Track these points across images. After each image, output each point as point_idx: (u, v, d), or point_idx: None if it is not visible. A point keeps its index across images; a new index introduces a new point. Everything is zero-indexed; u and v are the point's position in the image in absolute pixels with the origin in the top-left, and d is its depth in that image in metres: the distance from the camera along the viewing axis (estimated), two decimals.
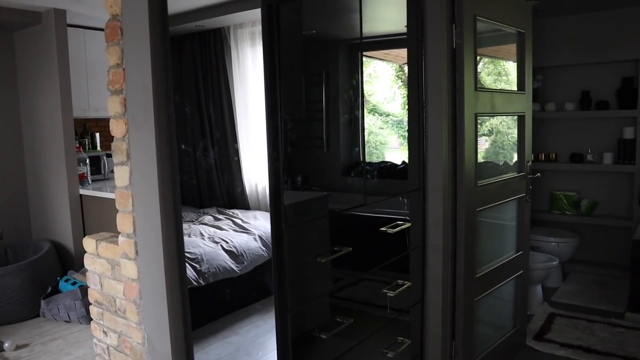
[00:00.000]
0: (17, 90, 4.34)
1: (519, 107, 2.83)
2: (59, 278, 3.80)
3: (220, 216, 2.97)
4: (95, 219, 4.09)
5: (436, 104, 2.28)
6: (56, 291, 3.72)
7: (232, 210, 2.99)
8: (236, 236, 2.83)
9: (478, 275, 2.54)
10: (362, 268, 2.12)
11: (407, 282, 2.27)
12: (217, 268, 2.62)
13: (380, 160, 2.26)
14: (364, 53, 2.02)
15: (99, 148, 4.77)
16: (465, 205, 2.39)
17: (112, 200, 3.34)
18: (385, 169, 2.26)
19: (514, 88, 2.88)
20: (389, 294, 2.17)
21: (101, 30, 1.94)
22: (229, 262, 2.71)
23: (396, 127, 2.36)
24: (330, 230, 1.89)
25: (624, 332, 3.27)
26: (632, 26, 4.05)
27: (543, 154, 4.56)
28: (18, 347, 3.22)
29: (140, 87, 1.77)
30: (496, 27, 2.65)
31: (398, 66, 2.38)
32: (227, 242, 2.76)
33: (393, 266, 2.26)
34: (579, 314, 3.59)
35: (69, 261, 4.14)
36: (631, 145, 4.12)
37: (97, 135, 4.79)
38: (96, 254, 2.22)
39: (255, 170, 2.92)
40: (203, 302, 2.48)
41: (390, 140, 2.35)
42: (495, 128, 2.91)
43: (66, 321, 3.62)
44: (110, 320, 2.18)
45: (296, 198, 1.73)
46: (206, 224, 2.87)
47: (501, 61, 3.03)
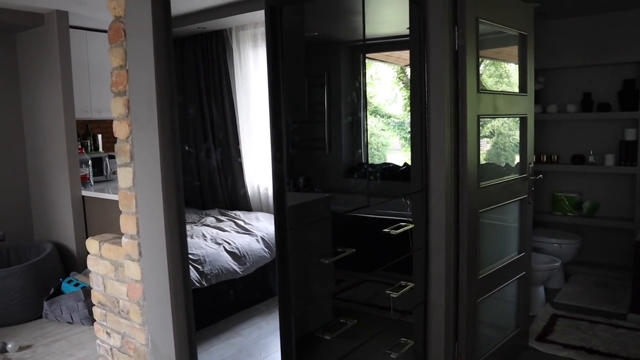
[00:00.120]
0: (19, 92, 4.35)
1: (521, 109, 2.83)
2: (61, 279, 3.81)
3: (223, 217, 2.97)
4: (98, 220, 4.09)
5: (438, 105, 2.29)
6: (59, 292, 3.73)
7: (234, 212, 2.99)
8: (238, 237, 2.83)
9: (481, 277, 2.54)
10: (365, 269, 2.12)
11: (410, 283, 2.28)
12: (219, 269, 2.62)
13: (382, 162, 2.26)
14: (366, 55, 2.02)
15: (101, 149, 4.78)
16: (467, 207, 2.40)
17: (114, 202, 3.35)
18: (387, 170, 2.27)
19: (516, 90, 2.88)
20: (392, 295, 2.17)
21: (103, 31, 1.95)
22: (232, 264, 2.71)
23: (398, 129, 2.36)
24: (334, 232, 1.89)
25: (626, 333, 3.26)
26: (634, 28, 4.05)
27: (545, 156, 4.57)
28: (21, 349, 3.22)
29: (143, 88, 1.77)
30: (498, 29, 2.65)
31: (400, 68, 2.39)
32: (229, 244, 2.76)
33: (396, 267, 2.26)
34: (581, 315, 3.58)
35: (71, 262, 4.15)
36: (633, 146, 4.12)
37: (99, 136, 4.80)
38: (99, 255, 2.23)
39: (257, 171, 2.91)
40: (205, 303, 2.48)
41: (391, 142, 2.35)
42: (496, 130, 2.91)
43: (69, 322, 3.62)
44: (113, 321, 2.19)
45: (299, 199, 1.73)
46: (208, 226, 2.87)
47: (503, 63, 3.03)
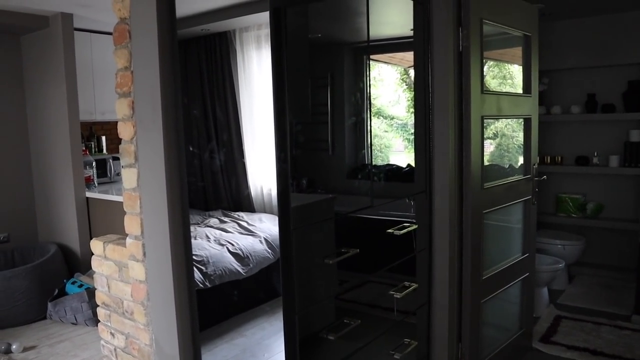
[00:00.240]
0: (24, 94, 4.37)
1: (525, 110, 2.83)
2: (65, 280, 3.82)
3: (226, 219, 2.97)
4: (102, 221, 4.11)
5: (443, 106, 2.29)
6: (63, 294, 3.74)
7: (237, 213, 3.00)
8: (242, 239, 2.84)
9: (484, 277, 2.54)
10: (369, 270, 2.12)
11: (413, 283, 2.28)
12: (222, 270, 2.63)
13: (386, 163, 2.26)
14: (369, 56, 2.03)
15: (105, 151, 4.80)
16: (471, 207, 2.39)
17: (118, 203, 3.36)
18: (390, 172, 2.27)
19: (519, 91, 2.88)
20: (395, 295, 2.17)
21: (108, 34, 1.96)
22: (235, 265, 2.71)
23: (401, 130, 2.37)
24: (337, 233, 1.89)
25: (630, 335, 3.25)
26: (638, 29, 4.04)
27: (549, 157, 4.56)
28: (25, 349, 3.23)
29: (148, 89, 1.78)
30: (502, 30, 2.65)
31: (403, 69, 2.39)
32: (232, 245, 2.77)
33: (400, 268, 2.26)
34: (585, 317, 3.57)
35: (75, 264, 4.16)
36: (637, 148, 4.11)
37: (103, 138, 4.81)
38: (103, 256, 2.23)
39: (260, 172, 2.92)
40: (209, 304, 2.48)
41: (394, 143, 2.35)
42: (500, 131, 2.91)
43: (73, 323, 3.63)
44: (117, 322, 2.19)
45: (303, 200, 1.73)
46: (212, 227, 2.88)
47: (506, 65, 3.03)
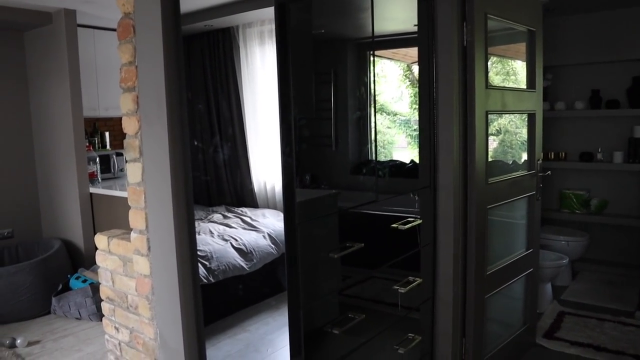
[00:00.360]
0: (27, 90, 4.38)
1: (530, 105, 2.82)
2: (69, 276, 3.83)
3: (229, 214, 2.97)
4: (105, 217, 4.12)
5: (447, 101, 2.28)
6: (67, 289, 3.75)
7: (240, 209, 3.00)
8: (245, 234, 2.83)
9: (488, 273, 2.54)
10: (373, 265, 2.12)
11: (417, 279, 2.27)
12: (226, 265, 2.63)
13: (389, 159, 2.26)
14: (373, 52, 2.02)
15: (108, 147, 4.81)
16: (475, 203, 2.39)
17: (122, 199, 3.36)
18: (394, 167, 2.27)
19: (523, 87, 2.87)
20: (400, 290, 2.17)
21: (111, 30, 1.96)
22: (239, 260, 2.71)
23: (404, 126, 2.36)
24: (342, 228, 1.89)
25: (634, 331, 3.25)
26: None
27: (552, 153, 4.54)
28: (30, 344, 3.25)
29: (152, 84, 1.78)
30: (507, 25, 2.64)
31: (406, 65, 2.38)
32: (236, 240, 2.77)
33: (404, 263, 2.26)
34: (588, 313, 3.57)
35: (79, 259, 4.17)
36: None
37: (107, 134, 4.83)
38: (108, 251, 2.24)
39: (264, 168, 2.92)
40: (212, 299, 2.48)
41: (397, 139, 2.35)
42: (503, 127, 2.90)
43: (77, 318, 3.64)
44: (122, 316, 2.20)
45: (307, 195, 1.73)
46: (215, 222, 2.88)
47: (510, 61, 3.02)
